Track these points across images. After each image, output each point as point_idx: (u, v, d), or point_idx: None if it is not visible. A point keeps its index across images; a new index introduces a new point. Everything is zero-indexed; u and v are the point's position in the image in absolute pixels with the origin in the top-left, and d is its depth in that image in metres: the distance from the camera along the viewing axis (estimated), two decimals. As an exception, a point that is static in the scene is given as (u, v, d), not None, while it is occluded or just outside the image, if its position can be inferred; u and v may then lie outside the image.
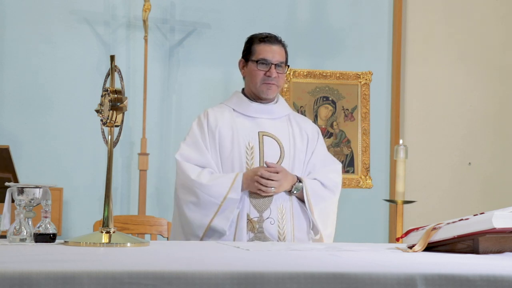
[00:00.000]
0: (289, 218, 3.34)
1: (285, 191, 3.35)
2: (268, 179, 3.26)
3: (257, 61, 3.38)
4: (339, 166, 3.54)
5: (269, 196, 3.31)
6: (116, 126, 2.62)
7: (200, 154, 3.36)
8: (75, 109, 5.21)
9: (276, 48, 3.41)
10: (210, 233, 3.27)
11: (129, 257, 2.18)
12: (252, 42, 3.44)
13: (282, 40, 3.46)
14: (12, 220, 2.59)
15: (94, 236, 2.56)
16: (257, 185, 3.26)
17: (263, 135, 3.41)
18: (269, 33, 3.45)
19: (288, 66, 3.46)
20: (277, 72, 3.38)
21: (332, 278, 1.91)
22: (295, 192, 3.34)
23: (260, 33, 3.47)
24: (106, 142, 2.65)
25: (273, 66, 3.38)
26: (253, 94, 3.46)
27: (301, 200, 3.38)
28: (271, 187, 3.27)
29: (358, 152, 5.39)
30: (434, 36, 5.67)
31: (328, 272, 1.92)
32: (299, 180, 3.35)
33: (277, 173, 3.28)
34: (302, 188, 3.34)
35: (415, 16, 5.66)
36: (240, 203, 3.29)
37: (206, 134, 3.39)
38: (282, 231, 3.32)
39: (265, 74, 3.38)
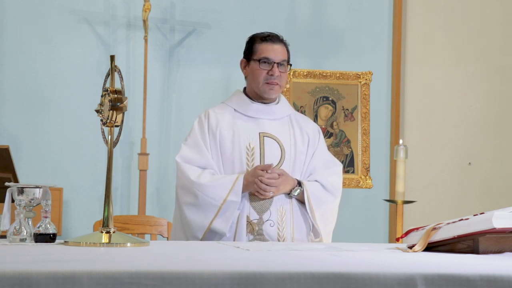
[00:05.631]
0: (289, 221, 3.33)
1: (285, 194, 3.34)
2: (267, 184, 3.25)
3: (259, 60, 3.37)
4: (340, 167, 3.52)
5: (268, 198, 3.31)
6: (116, 126, 2.62)
7: (201, 155, 3.35)
8: (75, 109, 5.21)
9: (278, 47, 3.39)
10: (210, 235, 3.26)
11: (129, 257, 2.17)
12: (253, 42, 3.42)
13: (284, 39, 3.45)
14: (12, 220, 2.59)
15: (94, 236, 2.56)
16: (256, 188, 3.26)
17: (263, 136, 3.40)
18: (271, 32, 3.44)
19: (291, 65, 3.45)
20: (280, 71, 3.37)
21: (332, 278, 1.90)
22: (294, 195, 3.33)
23: (262, 32, 3.45)
24: (106, 142, 2.65)
25: (275, 65, 3.36)
26: (255, 94, 3.44)
27: (302, 202, 3.37)
28: (269, 191, 3.26)
29: (358, 152, 5.39)
30: (434, 36, 5.67)
31: (328, 272, 1.92)
32: (299, 184, 3.34)
33: (278, 177, 3.26)
34: (303, 191, 3.33)
35: (415, 16, 5.66)
36: (240, 205, 3.28)
37: (206, 134, 3.38)
38: (282, 234, 3.31)
39: (267, 73, 3.36)
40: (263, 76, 3.37)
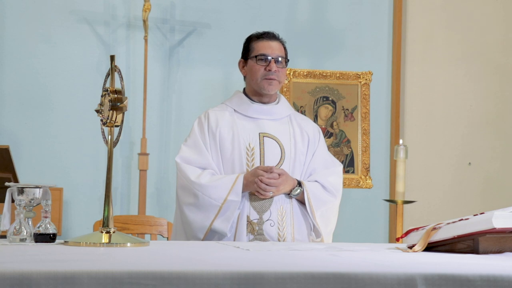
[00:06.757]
0: (289, 220, 3.33)
1: (285, 194, 3.34)
2: (267, 184, 3.25)
3: (256, 57, 3.38)
4: (340, 168, 3.52)
5: (268, 198, 3.30)
6: (116, 126, 2.62)
7: (201, 155, 3.35)
8: (75, 109, 5.21)
9: (274, 43, 3.40)
10: (211, 235, 3.26)
11: (129, 257, 2.17)
12: (250, 41, 3.45)
13: (280, 36, 3.46)
14: (12, 220, 2.59)
15: (94, 236, 2.56)
16: (256, 187, 3.26)
17: (263, 136, 3.40)
18: (266, 31, 3.46)
19: (288, 60, 3.45)
20: (277, 67, 3.37)
21: (332, 278, 1.90)
22: (294, 195, 3.33)
23: (258, 32, 3.47)
24: (106, 142, 2.65)
25: (272, 60, 3.36)
26: (254, 92, 3.44)
27: (302, 202, 3.37)
28: (269, 191, 3.26)
29: (358, 152, 5.39)
30: (434, 36, 5.67)
31: (328, 272, 1.92)
32: (299, 184, 3.34)
33: (278, 177, 3.26)
34: (303, 192, 3.33)
35: (415, 16, 5.66)
36: (240, 205, 3.28)
37: (206, 135, 3.38)
38: (282, 233, 3.31)
39: (265, 69, 3.37)
40: (261, 72, 3.37)
